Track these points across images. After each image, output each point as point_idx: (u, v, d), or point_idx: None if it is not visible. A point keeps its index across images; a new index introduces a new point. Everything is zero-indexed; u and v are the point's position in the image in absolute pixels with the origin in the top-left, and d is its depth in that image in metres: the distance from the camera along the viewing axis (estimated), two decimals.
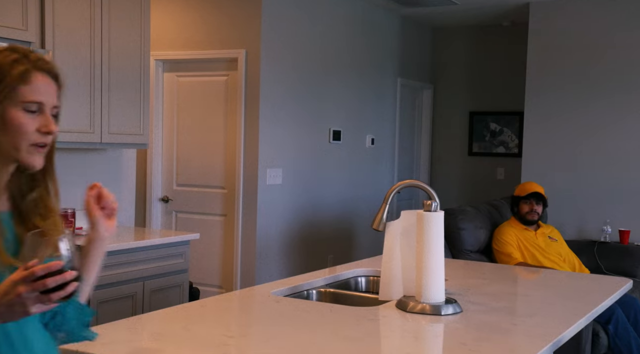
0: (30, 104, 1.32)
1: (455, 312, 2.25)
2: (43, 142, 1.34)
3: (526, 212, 4.61)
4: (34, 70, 1.33)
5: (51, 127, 1.33)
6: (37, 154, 1.34)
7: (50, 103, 1.35)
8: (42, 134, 1.33)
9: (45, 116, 1.33)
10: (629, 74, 5.81)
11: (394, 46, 6.96)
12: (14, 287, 1.14)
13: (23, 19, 3.30)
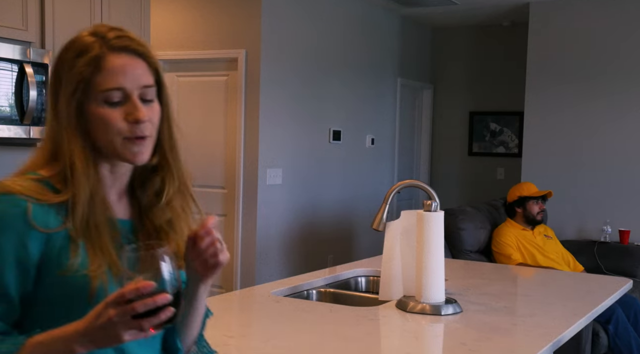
0: (110, 94, 1.14)
1: (455, 312, 2.25)
2: (137, 134, 1.15)
3: (537, 212, 4.63)
4: (108, 52, 1.15)
5: (137, 114, 1.14)
6: (136, 147, 1.16)
7: (136, 84, 1.15)
8: (131, 124, 1.15)
9: (132, 102, 1.14)
10: (629, 74, 5.81)
11: (394, 46, 6.96)
12: (106, 309, 1.02)
13: (23, 19, 3.30)
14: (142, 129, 1.16)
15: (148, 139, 1.18)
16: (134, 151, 1.17)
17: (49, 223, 1.13)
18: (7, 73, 3.14)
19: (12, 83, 3.16)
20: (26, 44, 3.29)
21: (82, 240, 1.14)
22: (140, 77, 1.16)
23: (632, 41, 5.80)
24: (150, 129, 1.18)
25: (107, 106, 1.14)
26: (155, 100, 1.19)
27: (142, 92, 1.16)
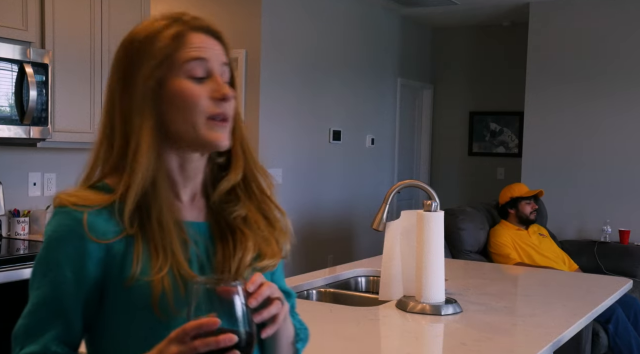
0: (194, 65, 1.07)
1: (455, 312, 2.25)
2: (221, 114, 1.07)
3: (530, 212, 4.65)
4: (189, 30, 1.11)
5: (225, 90, 1.07)
6: (220, 129, 1.07)
7: (217, 61, 1.09)
8: (217, 102, 1.07)
9: (215, 79, 1.08)
10: (629, 74, 5.81)
11: (394, 46, 6.96)
12: (168, 346, 0.94)
13: (23, 19, 3.30)
14: (227, 109, 1.08)
15: (230, 123, 1.10)
16: (217, 133, 1.07)
17: (108, 232, 1.05)
18: (7, 73, 3.14)
19: (12, 83, 3.16)
20: (26, 44, 3.29)
21: (141, 241, 1.05)
22: (219, 55, 1.11)
23: (632, 41, 5.80)
24: (231, 111, 1.10)
25: (192, 82, 1.07)
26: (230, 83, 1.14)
27: (222, 72, 1.10)
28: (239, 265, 1.10)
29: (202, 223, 1.13)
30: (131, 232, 1.05)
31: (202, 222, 1.13)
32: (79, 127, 3.64)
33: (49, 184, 3.82)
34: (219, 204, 1.14)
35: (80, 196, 1.07)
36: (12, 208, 3.59)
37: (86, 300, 1.05)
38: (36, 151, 3.69)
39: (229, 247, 1.12)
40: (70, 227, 1.04)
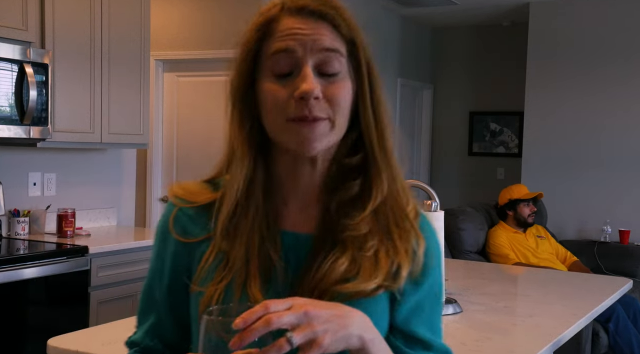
0: (276, 60, 0.92)
1: (455, 312, 2.25)
2: (300, 113, 0.90)
3: (528, 214, 4.64)
4: (282, 15, 0.94)
5: (305, 86, 0.89)
6: (301, 132, 0.91)
7: (312, 49, 0.91)
8: (297, 102, 0.90)
9: (302, 73, 0.91)
10: (629, 74, 5.81)
11: (394, 46, 6.96)
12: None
13: (23, 19, 3.30)
14: (310, 107, 0.90)
15: (321, 123, 0.91)
16: (299, 137, 0.91)
17: (193, 230, 0.98)
18: (7, 73, 3.14)
19: (12, 83, 3.16)
20: (26, 44, 3.29)
21: (222, 249, 0.95)
22: (317, 41, 0.92)
23: (632, 41, 5.80)
24: (326, 110, 0.92)
25: (275, 80, 0.92)
26: (345, 75, 0.94)
27: (321, 61, 0.92)
28: (316, 286, 0.91)
29: (306, 235, 0.97)
30: (212, 233, 0.97)
31: (306, 233, 0.97)
32: (79, 127, 3.64)
33: (49, 184, 3.82)
34: (336, 214, 0.96)
35: (188, 189, 1.02)
36: (12, 208, 3.59)
37: (170, 296, 1.01)
38: (36, 151, 3.69)
39: (323, 263, 0.92)
40: (164, 220, 1.02)
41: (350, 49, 0.96)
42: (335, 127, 0.93)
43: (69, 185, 3.96)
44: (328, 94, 0.92)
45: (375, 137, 0.97)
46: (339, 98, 0.93)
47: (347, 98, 0.94)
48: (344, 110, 0.94)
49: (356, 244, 0.93)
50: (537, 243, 4.67)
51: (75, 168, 4.02)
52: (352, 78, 0.96)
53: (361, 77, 0.97)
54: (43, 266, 3.09)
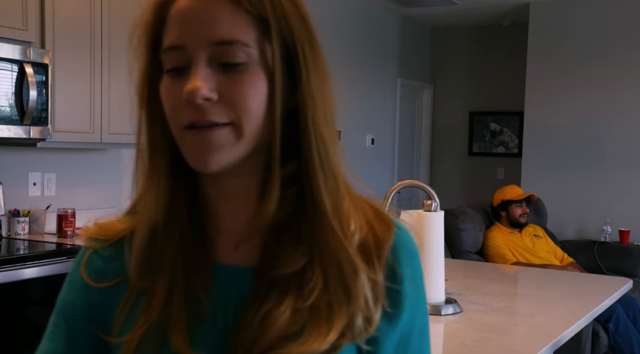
0: (167, 56, 0.74)
1: (455, 312, 2.25)
2: (191, 120, 0.72)
3: (520, 215, 4.66)
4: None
5: (188, 85, 0.71)
6: (193, 143, 0.73)
7: (203, 39, 0.71)
8: (188, 105, 0.72)
9: (192, 70, 0.72)
10: (629, 74, 5.81)
11: (394, 46, 6.96)
12: None
13: (23, 19, 3.30)
14: (202, 111, 0.71)
15: (218, 130, 0.72)
16: (192, 149, 0.73)
17: (109, 273, 0.81)
18: (7, 73, 3.14)
19: (12, 83, 3.16)
20: (26, 44, 3.29)
21: (141, 289, 0.78)
22: (207, 30, 0.71)
23: (632, 41, 5.80)
24: (226, 113, 0.72)
25: (171, 77, 0.74)
26: (255, 65, 0.72)
27: (218, 53, 0.72)
28: (252, 346, 0.72)
29: (245, 268, 0.77)
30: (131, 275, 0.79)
31: (245, 267, 0.77)
32: (79, 127, 3.64)
33: (49, 184, 3.82)
34: (274, 243, 0.76)
35: (102, 226, 0.84)
36: (12, 208, 3.59)
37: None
38: (36, 151, 3.69)
39: (257, 313, 0.73)
40: (73, 268, 0.85)
41: (264, 30, 0.73)
42: (243, 134, 0.72)
43: (69, 185, 3.96)
44: (227, 93, 0.72)
45: (312, 141, 0.75)
46: (243, 97, 0.72)
47: (256, 95, 0.72)
48: (253, 111, 0.72)
49: (295, 285, 0.73)
50: (533, 242, 4.69)
51: (75, 168, 4.02)
52: (271, 67, 0.73)
53: (276, 66, 0.73)
54: (43, 266, 3.09)
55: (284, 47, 0.74)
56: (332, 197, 0.76)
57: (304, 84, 0.74)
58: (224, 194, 0.79)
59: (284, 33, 0.74)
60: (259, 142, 0.75)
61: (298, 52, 0.74)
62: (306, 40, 0.75)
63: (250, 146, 0.74)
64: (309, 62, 0.75)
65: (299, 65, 0.74)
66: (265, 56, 0.73)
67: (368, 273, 0.74)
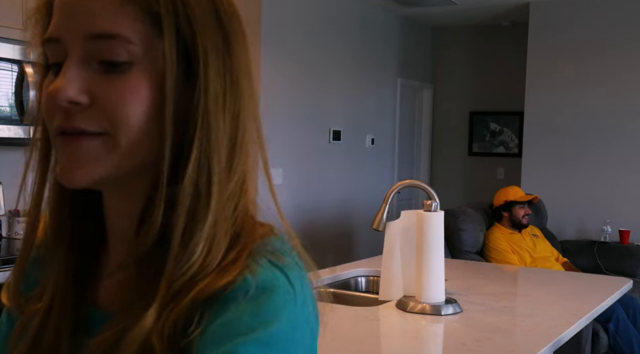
0: (48, 49, 0.65)
1: (455, 312, 2.25)
2: (58, 125, 0.63)
3: (522, 216, 4.66)
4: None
5: (54, 89, 0.61)
6: (61, 153, 0.64)
7: (79, 31, 0.61)
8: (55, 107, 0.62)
9: (63, 67, 0.62)
10: (629, 74, 5.81)
11: (394, 46, 6.96)
12: None
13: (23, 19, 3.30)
14: (70, 116, 0.61)
15: (87, 140, 0.62)
16: (59, 160, 0.65)
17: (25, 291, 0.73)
18: (7, 73, 3.14)
19: (12, 83, 3.16)
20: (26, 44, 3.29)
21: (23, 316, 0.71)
22: (89, 17, 0.61)
23: (632, 41, 5.80)
24: (99, 121, 0.61)
25: (51, 73, 0.65)
26: (141, 66, 0.62)
27: (95, 48, 0.61)
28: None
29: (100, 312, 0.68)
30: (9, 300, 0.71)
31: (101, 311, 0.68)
32: None
33: None
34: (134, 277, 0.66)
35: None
36: (12, 208, 3.59)
37: None
38: None
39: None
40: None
41: (154, 28, 0.62)
42: (118, 147, 0.62)
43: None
44: (102, 97, 0.61)
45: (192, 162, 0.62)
46: (119, 103, 0.61)
47: (136, 102, 0.61)
48: (132, 121, 0.61)
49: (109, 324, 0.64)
50: (534, 242, 4.70)
51: None
52: (160, 70, 0.62)
53: (167, 69, 0.62)
54: None
55: (182, 50, 0.62)
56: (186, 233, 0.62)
57: (199, 96, 0.62)
58: (111, 211, 0.69)
59: (182, 33, 0.62)
60: (143, 158, 0.63)
61: (199, 57, 0.62)
62: (215, 45, 0.63)
63: (130, 162, 0.63)
64: (212, 71, 0.62)
65: (197, 73, 0.62)
66: (155, 59, 0.62)
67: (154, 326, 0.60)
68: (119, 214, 0.68)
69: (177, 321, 0.60)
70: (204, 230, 0.62)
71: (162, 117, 0.61)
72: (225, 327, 0.59)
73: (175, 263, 0.61)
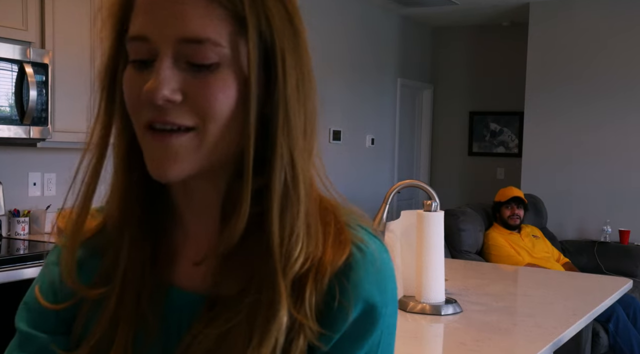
0: (132, 46, 0.67)
1: (455, 312, 2.25)
2: (150, 119, 0.66)
3: (508, 216, 4.68)
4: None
5: (148, 84, 0.64)
6: (152, 147, 0.67)
7: (171, 34, 0.64)
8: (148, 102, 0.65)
9: (156, 66, 0.65)
10: (628, 73, 5.81)
11: (394, 46, 6.96)
12: None
13: (23, 19, 3.30)
14: (163, 112, 0.65)
15: (180, 135, 0.66)
16: (150, 153, 0.67)
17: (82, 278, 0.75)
18: (7, 73, 3.14)
19: (12, 83, 3.16)
20: (26, 44, 3.29)
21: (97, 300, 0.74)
22: (179, 20, 0.64)
23: (632, 41, 5.80)
24: (190, 116, 0.65)
25: (135, 67, 0.67)
26: (227, 66, 0.66)
27: (185, 50, 0.64)
28: None
29: (197, 295, 0.71)
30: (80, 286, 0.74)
31: (198, 293, 0.71)
32: (79, 127, 3.63)
33: (49, 184, 3.82)
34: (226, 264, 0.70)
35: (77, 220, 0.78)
36: (12, 208, 3.59)
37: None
38: (36, 151, 3.69)
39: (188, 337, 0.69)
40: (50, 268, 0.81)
41: (240, 30, 0.65)
42: (206, 139, 0.66)
43: (69, 185, 3.96)
44: (193, 95, 0.65)
45: (277, 159, 0.67)
46: (210, 100, 0.65)
47: (225, 100, 0.65)
48: (220, 117, 0.65)
49: (227, 310, 0.68)
50: (533, 243, 4.70)
51: None
52: (245, 70, 0.66)
53: (251, 69, 0.66)
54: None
55: (262, 48, 0.66)
56: (284, 222, 0.67)
57: (279, 91, 0.67)
58: (190, 202, 0.73)
59: (263, 33, 0.66)
60: (227, 152, 0.68)
61: (277, 55, 0.67)
62: (289, 42, 0.68)
63: (216, 156, 0.68)
64: (289, 67, 0.68)
65: (276, 69, 0.67)
66: (239, 57, 0.66)
67: (292, 309, 0.66)
68: (199, 204, 0.72)
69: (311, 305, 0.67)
70: (300, 214, 0.68)
71: (247, 113, 0.66)
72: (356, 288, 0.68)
73: (281, 251, 0.67)
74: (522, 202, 4.72)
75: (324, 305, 0.68)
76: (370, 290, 0.69)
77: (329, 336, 0.68)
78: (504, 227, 4.70)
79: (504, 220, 4.70)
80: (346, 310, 0.68)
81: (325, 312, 0.68)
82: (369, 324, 0.69)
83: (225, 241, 0.68)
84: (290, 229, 0.67)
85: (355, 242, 0.70)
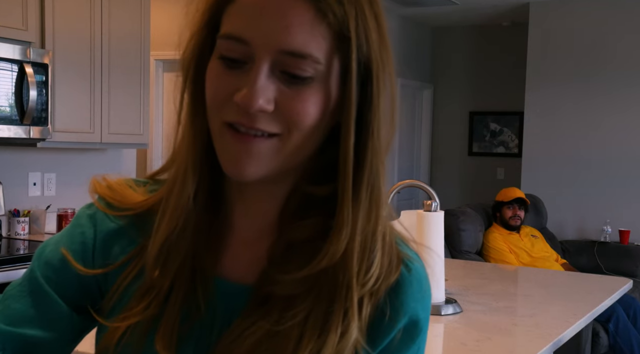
0: (227, 44, 0.66)
1: (455, 312, 2.25)
2: (236, 120, 0.66)
3: (510, 217, 4.68)
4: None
5: (245, 93, 0.64)
6: (232, 146, 0.67)
7: (272, 43, 0.64)
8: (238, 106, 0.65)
9: (250, 74, 0.65)
10: (629, 73, 5.81)
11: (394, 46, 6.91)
12: None
13: (23, 19, 3.30)
14: (252, 117, 0.65)
15: (264, 140, 0.67)
16: (229, 152, 0.68)
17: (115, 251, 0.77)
18: (7, 73, 3.14)
19: (12, 83, 3.16)
20: (26, 44, 3.29)
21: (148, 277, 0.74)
22: (279, 37, 0.64)
23: (632, 41, 5.79)
24: (277, 124, 0.66)
25: (223, 63, 0.67)
26: (320, 81, 0.66)
27: (284, 61, 0.65)
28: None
29: (243, 287, 0.73)
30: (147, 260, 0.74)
31: (243, 285, 0.73)
32: (79, 127, 3.64)
33: (49, 184, 3.82)
34: (280, 261, 0.72)
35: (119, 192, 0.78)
36: (12, 208, 3.59)
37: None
38: (36, 151, 3.69)
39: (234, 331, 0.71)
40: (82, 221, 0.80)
41: (338, 45, 0.66)
42: (287, 146, 0.67)
43: (69, 185, 3.96)
44: (286, 105, 0.66)
45: (365, 172, 0.68)
46: (302, 113, 0.66)
47: (313, 112, 0.67)
48: (306, 126, 0.67)
49: (279, 309, 0.69)
50: (532, 243, 4.71)
51: (75, 168, 4.02)
52: (334, 83, 0.68)
53: (349, 85, 0.67)
54: None
55: (361, 66, 0.68)
56: (366, 236, 0.69)
57: (373, 109, 0.68)
58: (243, 197, 0.75)
59: (361, 51, 0.67)
60: (302, 158, 0.70)
61: (372, 74, 0.68)
62: (382, 62, 0.69)
63: (292, 162, 0.70)
64: (381, 86, 0.69)
65: (371, 88, 0.68)
66: (331, 72, 0.67)
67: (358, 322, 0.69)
68: (254, 199, 0.74)
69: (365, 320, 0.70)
70: (378, 228, 0.70)
71: (324, 124, 0.68)
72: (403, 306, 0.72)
73: (361, 265, 0.69)
74: (524, 204, 4.73)
75: (373, 319, 0.71)
76: (415, 307, 0.73)
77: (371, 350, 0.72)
78: (504, 227, 4.71)
79: (504, 220, 4.71)
80: (393, 326, 0.72)
81: (374, 326, 0.71)
82: (409, 339, 0.73)
83: (289, 237, 0.71)
84: (371, 243, 0.70)
85: (403, 259, 0.73)
